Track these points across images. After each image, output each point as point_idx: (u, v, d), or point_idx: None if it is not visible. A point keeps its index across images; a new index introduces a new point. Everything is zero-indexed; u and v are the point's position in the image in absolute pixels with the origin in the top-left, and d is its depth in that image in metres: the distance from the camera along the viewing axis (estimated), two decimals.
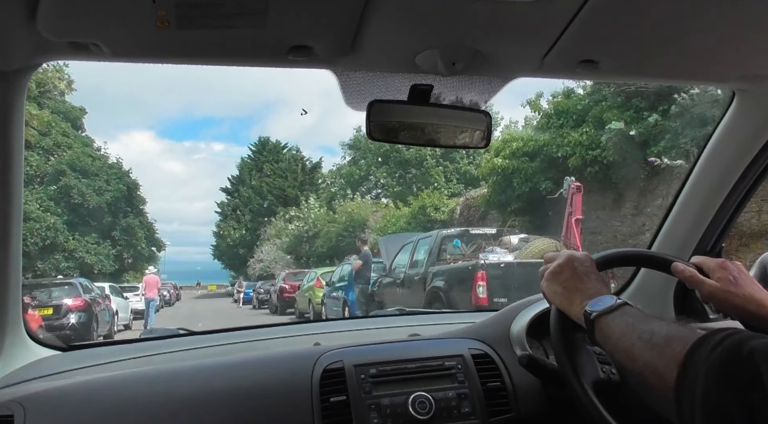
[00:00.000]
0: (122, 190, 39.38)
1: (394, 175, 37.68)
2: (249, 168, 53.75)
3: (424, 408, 1.37)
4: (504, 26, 1.17)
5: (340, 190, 41.40)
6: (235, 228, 52.70)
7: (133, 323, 21.03)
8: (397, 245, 14.47)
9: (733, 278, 1.21)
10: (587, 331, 1.11)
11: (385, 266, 14.19)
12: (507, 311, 1.71)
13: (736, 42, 1.27)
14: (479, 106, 1.45)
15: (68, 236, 34.94)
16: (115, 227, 39.80)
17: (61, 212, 35.18)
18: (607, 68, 1.37)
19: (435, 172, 34.19)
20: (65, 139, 36.52)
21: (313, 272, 21.20)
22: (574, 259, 1.23)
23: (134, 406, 1.35)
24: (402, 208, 28.22)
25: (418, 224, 24.07)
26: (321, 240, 33.48)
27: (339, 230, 31.65)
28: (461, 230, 13.96)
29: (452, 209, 23.73)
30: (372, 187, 40.45)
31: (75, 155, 36.37)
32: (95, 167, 38.02)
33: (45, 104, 34.84)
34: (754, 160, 1.59)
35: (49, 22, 1.08)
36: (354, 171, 40.42)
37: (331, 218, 34.70)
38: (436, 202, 25.26)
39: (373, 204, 33.54)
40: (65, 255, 34.62)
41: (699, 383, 0.81)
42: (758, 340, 0.80)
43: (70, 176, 35.60)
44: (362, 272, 14.28)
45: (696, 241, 1.72)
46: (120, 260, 40.67)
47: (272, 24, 1.12)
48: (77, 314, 14.72)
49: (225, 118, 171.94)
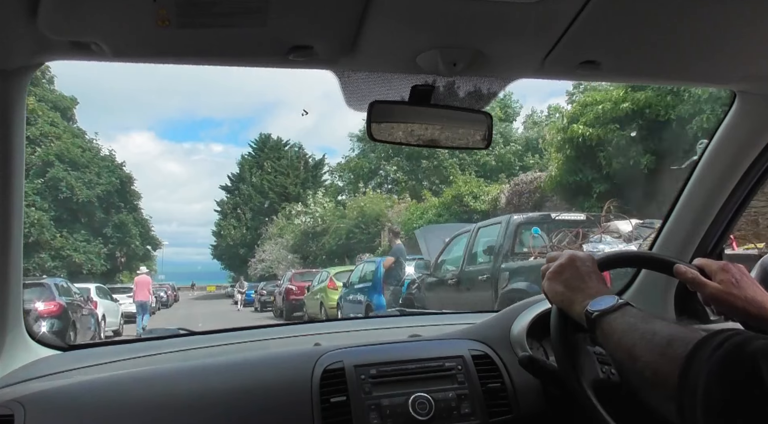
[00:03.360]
0: (115, 183, 38.92)
1: (404, 169, 37.31)
2: (250, 165, 53.90)
3: (424, 409, 1.45)
4: (505, 27, 1.23)
5: (349, 184, 41.12)
6: (236, 227, 52.87)
7: (125, 327, 20.55)
8: (441, 237, 13.00)
9: (735, 281, 1.28)
10: (589, 330, 1.18)
11: (428, 263, 12.28)
12: (507, 311, 1.79)
13: (737, 43, 1.33)
14: (480, 106, 1.52)
15: (55, 232, 34.55)
16: (107, 223, 39.38)
17: (48, 206, 34.71)
18: (609, 69, 1.43)
19: (449, 164, 33.56)
20: (53, 129, 36.10)
21: (325, 271, 20.34)
22: (577, 259, 1.29)
23: (134, 406, 1.42)
24: (430, 199, 26.50)
25: (452, 216, 22.67)
26: (330, 237, 32.97)
27: (350, 227, 31.10)
28: (541, 216, 11.48)
29: (495, 197, 21.94)
30: (383, 181, 40.22)
31: (64, 146, 35.93)
32: (85, 159, 37.50)
33: (30, 91, 34.73)
34: (755, 161, 1.66)
35: (50, 21, 1.14)
36: (363, 164, 40.13)
37: (341, 213, 34.15)
38: (474, 189, 23.56)
39: (387, 198, 32.75)
40: (51, 253, 34.23)
41: (700, 383, 0.85)
42: (760, 340, 0.84)
43: (58, 168, 35.25)
44: (394, 270, 12.75)
45: (697, 242, 1.79)
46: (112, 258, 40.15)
47: (273, 24, 1.17)
48: (49, 321, 13.08)
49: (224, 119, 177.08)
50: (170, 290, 41.07)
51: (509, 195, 20.88)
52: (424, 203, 26.52)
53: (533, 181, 19.80)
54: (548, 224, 10.61)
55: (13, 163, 1.41)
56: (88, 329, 15.58)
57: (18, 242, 1.50)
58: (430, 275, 11.78)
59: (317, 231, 35.42)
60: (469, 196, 23.03)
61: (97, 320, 16.76)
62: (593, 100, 15.02)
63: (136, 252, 43.40)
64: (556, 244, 9.98)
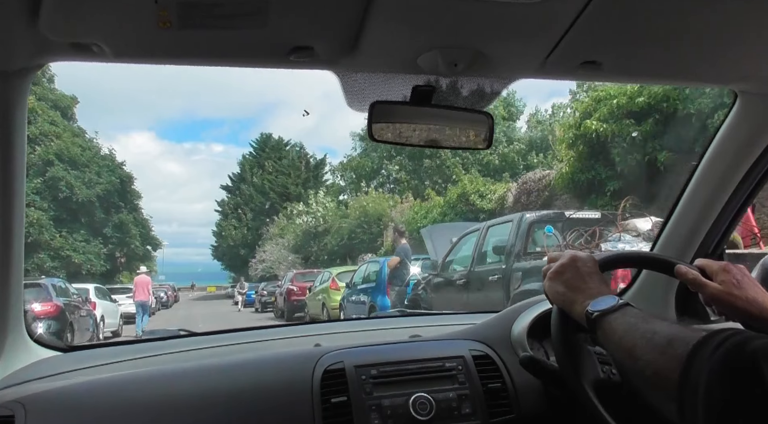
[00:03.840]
0: (114, 182, 38.89)
1: (407, 168, 37.22)
2: (251, 165, 53.95)
3: (424, 409, 1.47)
4: (506, 27, 1.24)
5: (351, 183, 41.14)
6: (236, 227, 52.97)
7: (124, 328, 20.42)
8: (448, 236, 12.67)
9: (737, 281, 1.29)
10: (589, 331, 1.19)
11: (434, 263, 11.96)
12: (508, 312, 1.81)
13: (739, 43, 1.34)
14: (481, 107, 1.53)
15: (54, 232, 34.50)
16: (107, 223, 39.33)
17: (47, 206, 34.64)
18: (610, 69, 1.45)
19: (452, 163, 33.14)
20: (53, 128, 36.11)
21: (327, 272, 20.17)
22: (578, 259, 1.31)
23: (135, 407, 1.44)
24: (435, 198, 26.06)
25: (457, 215, 22.25)
26: (331, 237, 32.92)
27: (352, 226, 30.97)
28: (554, 214, 11.12)
29: (502, 196, 21.40)
30: (384, 181, 40.19)
31: (64, 145, 35.91)
32: (85, 158, 37.48)
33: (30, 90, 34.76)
34: (756, 161, 1.68)
35: (51, 22, 1.14)
36: (366, 163, 40.12)
37: (342, 213, 34.04)
38: (480, 188, 22.70)
39: (390, 198, 32.57)
40: (50, 254, 34.16)
41: (701, 382, 0.86)
42: (760, 340, 0.85)
43: (57, 167, 35.19)
44: (399, 271, 12.59)
45: (698, 243, 1.81)
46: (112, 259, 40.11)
47: (273, 24, 1.18)
48: (46, 322, 13.06)
49: (225, 120, 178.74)
50: (170, 291, 41.12)
51: (517, 193, 20.56)
52: (428, 203, 26.21)
53: (542, 179, 19.43)
54: (562, 222, 10.23)
55: (14, 165, 1.42)
56: (86, 330, 15.43)
57: (19, 243, 1.52)
58: (437, 276, 11.49)
59: (319, 231, 35.40)
60: (475, 195, 22.40)
61: (95, 321, 16.64)
62: (607, 94, 14.43)
63: (136, 252, 43.37)
64: (571, 243, 9.54)
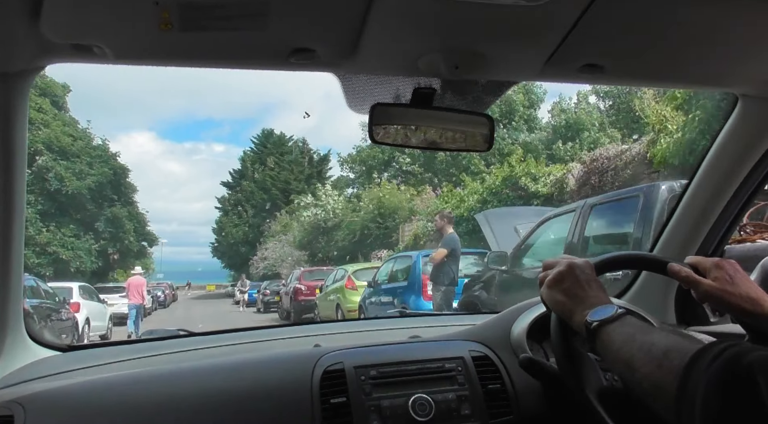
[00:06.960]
0: (107, 174, 38.24)
1: (420, 160, 36.90)
2: (252, 161, 54.07)
3: (424, 410, 1.54)
4: (507, 30, 1.30)
5: (360, 176, 40.79)
6: (237, 224, 53.11)
7: (114, 330, 19.89)
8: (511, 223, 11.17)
9: (729, 277, 1.34)
10: (588, 341, 1.22)
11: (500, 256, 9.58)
12: (507, 313, 1.88)
13: (739, 47, 1.41)
14: (482, 109, 1.61)
15: (41, 227, 33.95)
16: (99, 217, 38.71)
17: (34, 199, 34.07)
18: (611, 73, 1.52)
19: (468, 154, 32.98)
20: (40, 116, 35.61)
21: (342, 269, 19.05)
22: (576, 266, 1.33)
23: (134, 407, 1.50)
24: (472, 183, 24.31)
25: (501, 203, 20.17)
26: (342, 233, 32.39)
27: (365, 221, 30.38)
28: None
29: (560, 179, 19.62)
30: (396, 173, 39.85)
31: (53, 134, 35.42)
32: (76, 148, 36.92)
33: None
34: (756, 164, 1.76)
35: (52, 24, 1.20)
36: (376, 154, 39.73)
37: (354, 206, 33.42)
38: (532, 170, 20.90)
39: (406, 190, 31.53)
40: (36, 250, 33.57)
41: (698, 395, 0.88)
42: (757, 352, 0.88)
43: (46, 157, 34.65)
44: (446, 266, 10.47)
45: (697, 245, 1.89)
46: (104, 255, 39.46)
47: (274, 27, 1.25)
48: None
49: (226, 120, 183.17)
50: (168, 289, 40.72)
51: (584, 174, 18.33)
52: (461, 190, 24.61)
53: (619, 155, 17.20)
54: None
55: (14, 166, 1.49)
56: (63, 336, 14.47)
57: (19, 243, 1.59)
58: (505, 272, 9.43)
59: (328, 226, 34.91)
60: (526, 178, 20.60)
61: (75, 325, 15.79)
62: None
63: (131, 248, 42.96)
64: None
